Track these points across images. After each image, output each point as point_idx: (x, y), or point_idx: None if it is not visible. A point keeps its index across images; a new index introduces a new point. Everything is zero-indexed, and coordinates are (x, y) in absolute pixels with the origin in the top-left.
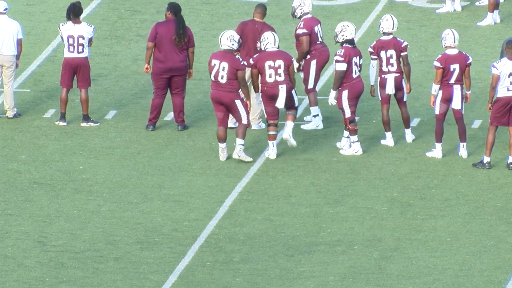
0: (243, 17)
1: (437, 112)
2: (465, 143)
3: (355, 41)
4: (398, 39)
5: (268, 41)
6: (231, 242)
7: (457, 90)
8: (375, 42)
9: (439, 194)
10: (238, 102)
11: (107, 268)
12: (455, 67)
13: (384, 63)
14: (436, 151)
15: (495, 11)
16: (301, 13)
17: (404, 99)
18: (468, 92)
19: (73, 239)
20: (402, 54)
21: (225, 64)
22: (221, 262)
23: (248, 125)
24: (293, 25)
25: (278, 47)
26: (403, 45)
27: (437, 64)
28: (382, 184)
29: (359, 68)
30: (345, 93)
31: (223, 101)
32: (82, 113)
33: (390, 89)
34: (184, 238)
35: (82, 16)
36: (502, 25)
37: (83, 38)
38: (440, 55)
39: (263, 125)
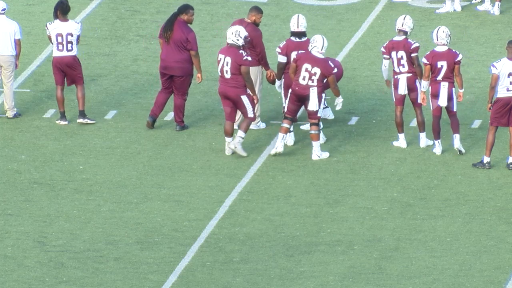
0: (243, 17)
1: (431, 108)
2: (458, 134)
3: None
4: (409, 40)
5: (316, 44)
6: (231, 242)
7: (443, 87)
8: (387, 42)
9: (439, 194)
10: (244, 98)
11: (107, 268)
12: (443, 64)
13: (395, 64)
14: (435, 148)
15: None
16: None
17: (419, 101)
18: (461, 91)
19: (73, 239)
20: (412, 55)
21: (228, 59)
22: (221, 262)
23: (254, 119)
24: None
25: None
26: (412, 47)
27: (424, 60)
28: (382, 184)
29: None
30: (283, 82)
31: (229, 96)
32: (79, 109)
33: (402, 89)
34: (184, 238)
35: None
36: (502, 25)
37: (72, 36)
38: (428, 52)
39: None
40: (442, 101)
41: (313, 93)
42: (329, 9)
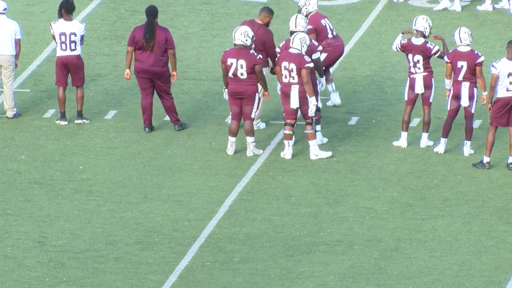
0: (243, 17)
1: (447, 107)
2: (469, 142)
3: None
4: (428, 45)
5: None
6: (231, 242)
7: (465, 87)
8: (406, 41)
9: (439, 194)
10: (256, 96)
11: (107, 268)
12: (463, 64)
13: (411, 66)
14: (439, 146)
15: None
16: (307, 12)
17: (430, 100)
18: (484, 94)
19: (73, 239)
20: (436, 56)
21: (242, 62)
22: (221, 262)
23: (254, 119)
24: None
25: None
26: (432, 52)
27: (445, 58)
28: (382, 184)
29: None
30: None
31: (246, 94)
32: (77, 109)
33: (419, 88)
34: (184, 238)
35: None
36: (502, 26)
37: (75, 35)
38: (451, 50)
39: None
40: (464, 101)
41: (294, 91)
42: (329, 9)
